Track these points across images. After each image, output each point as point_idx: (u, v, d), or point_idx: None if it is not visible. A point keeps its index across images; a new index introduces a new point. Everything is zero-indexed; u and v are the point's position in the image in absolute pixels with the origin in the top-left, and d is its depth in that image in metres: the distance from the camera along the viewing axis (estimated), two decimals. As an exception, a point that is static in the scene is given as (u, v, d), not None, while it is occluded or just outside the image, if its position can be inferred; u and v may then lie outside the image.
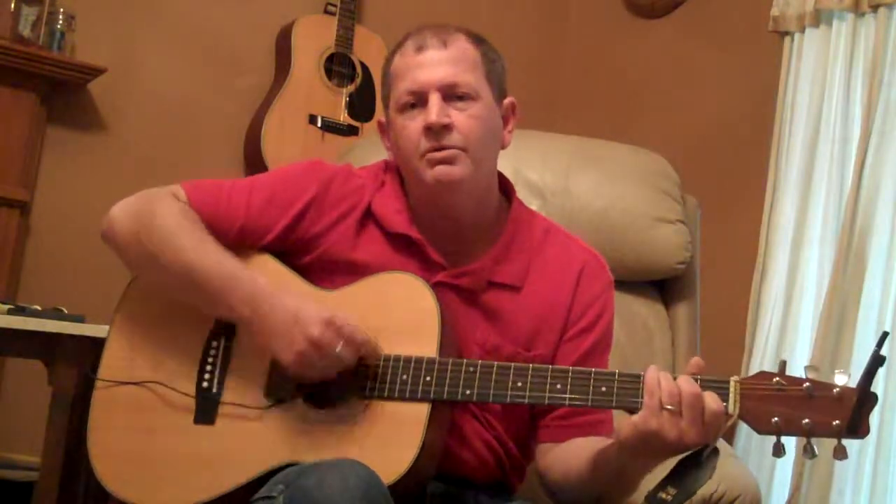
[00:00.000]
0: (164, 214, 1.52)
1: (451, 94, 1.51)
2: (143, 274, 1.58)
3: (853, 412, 1.27)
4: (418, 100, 1.52)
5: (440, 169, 1.49)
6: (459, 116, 1.50)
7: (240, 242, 1.56)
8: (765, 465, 2.80)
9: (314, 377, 1.43)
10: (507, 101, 1.61)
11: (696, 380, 1.31)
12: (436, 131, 1.49)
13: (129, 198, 1.58)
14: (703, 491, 1.68)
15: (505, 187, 1.65)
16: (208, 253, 1.49)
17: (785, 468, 2.77)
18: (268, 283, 1.46)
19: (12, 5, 2.92)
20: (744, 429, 2.85)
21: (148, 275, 1.57)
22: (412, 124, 1.51)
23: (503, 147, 1.60)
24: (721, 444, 1.34)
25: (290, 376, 1.44)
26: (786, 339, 2.87)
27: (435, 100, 1.50)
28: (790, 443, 2.93)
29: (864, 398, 1.27)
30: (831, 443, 1.29)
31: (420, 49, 1.54)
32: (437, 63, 1.52)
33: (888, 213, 2.72)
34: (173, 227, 1.51)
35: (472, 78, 1.53)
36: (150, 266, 1.54)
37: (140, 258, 1.54)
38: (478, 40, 1.58)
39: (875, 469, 2.60)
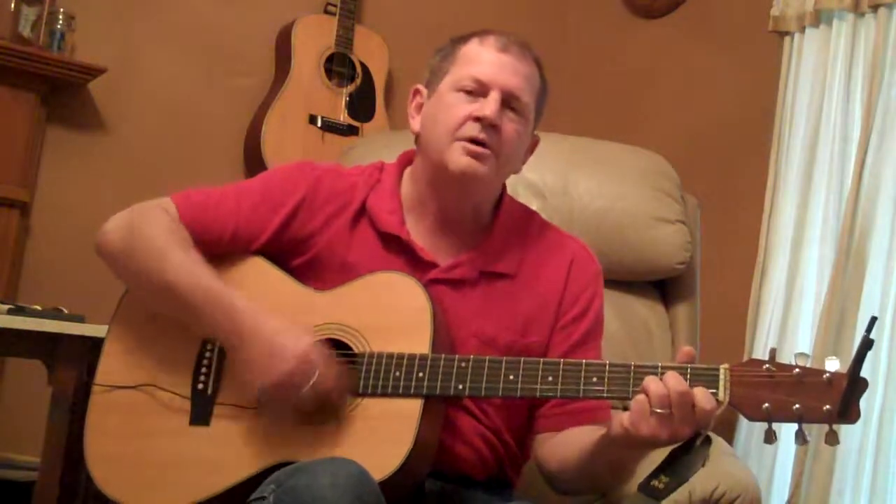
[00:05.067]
0: (151, 234, 1.53)
1: (509, 103, 1.56)
2: (130, 287, 1.60)
3: (844, 397, 1.27)
4: (479, 90, 1.55)
5: (469, 160, 1.53)
6: (508, 125, 1.55)
7: (234, 247, 1.58)
8: (765, 465, 2.80)
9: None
10: (536, 134, 1.66)
11: (686, 369, 1.32)
12: (485, 126, 1.52)
13: (120, 213, 1.59)
14: (703, 491, 1.68)
15: None
16: (191, 272, 1.49)
17: (785, 468, 2.78)
18: (249, 305, 1.46)
19: (12, 5, 2.92)
20: (743, 429, 2.85)
21: (134, 289, 1.59)
22: (463, 107, 1.54)
23: (515, 173, 1.65)
24: (721, 443, 1.34)
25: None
26: (786, 338, 2.87)
27: (496, 98, 1.54)
28: (789, 442, 2.93)
29: (854, 383, 1.27)
30: (823, 431, 1.30)
31: (504, 49, 1.58)
32: (513, 70, 1.57)
33: (888, 213, 2.72)
34: (159, 245, 1.52)
35: (530, 100, 1.59)
36: (136, 282, 1.56)
37: (127, 274, 1.56)
38: (543, 72, 1.63)
39: (875, 469, 2.60)
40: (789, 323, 2.89)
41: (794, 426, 1.30)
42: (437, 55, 1.64)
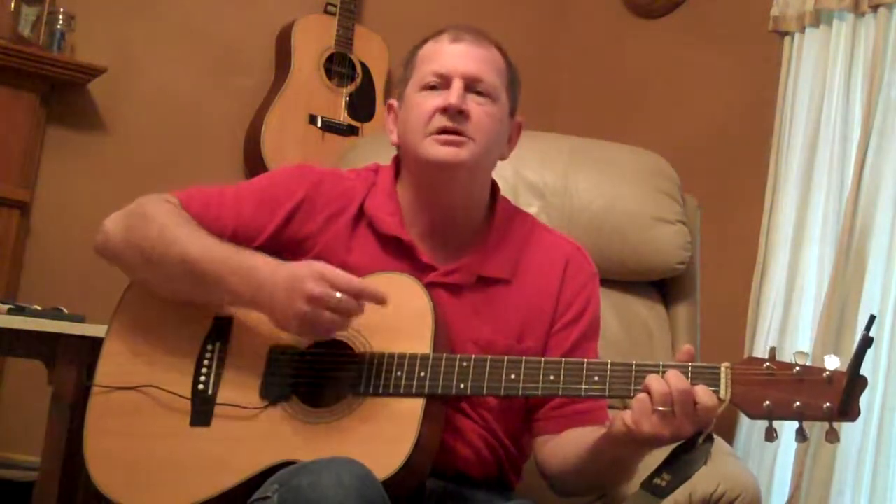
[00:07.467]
0: (155, 213, 1.54)
1: (474, 87, 1.56)
2: (139, 275, 1.58)
3: (843, 395, 1.28)
4: (441, 83, 1.56)
5: (447, 149, 1.53)
6: (477, 108, 1.55)
7: None
8: (765, 465, 2.80)
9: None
10: (516, 119, 1.65)
11: (687, 368, 1.33)
12: (452, 114, 1.53)
13: (118, 212, 1.59)
14: (704, 491, 1.68)
15: (491, 186, 1.68)
16: (200, 241, 1.51)
17: (785, 468, 2.77)
18: (261, 260, 1.47)
19: (12, 5, 2.92)
20: (744, 430, 2.85)
21: (144, 274, 1.57)
22: (429, 102, 1.55)
23: (502, 158, 1.65)
24: (721, 443, 1.35)
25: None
26: (786, 338, 2.87)
27: (458, 85, 1.54)
28: (789, 442, 2.93)
29: (854, 381, 1.28)
30: (824, 429, 1.30)
31: (456, 40, 1.59)
32: (468, 56, 1.57)
33: (888, 213, 2.72)
34: (164, 222, 1.52)
35: (496, 80, 1.59)
36: (146, 265, 1.54)
37: (135, 259, 1.55)
38: (506, 55, 1.63)
39: (875, 469, 2.60)
40: (789, 323, 2.89)
41: (795, 424, 1.31)
42: (402, 67, 1.66)
